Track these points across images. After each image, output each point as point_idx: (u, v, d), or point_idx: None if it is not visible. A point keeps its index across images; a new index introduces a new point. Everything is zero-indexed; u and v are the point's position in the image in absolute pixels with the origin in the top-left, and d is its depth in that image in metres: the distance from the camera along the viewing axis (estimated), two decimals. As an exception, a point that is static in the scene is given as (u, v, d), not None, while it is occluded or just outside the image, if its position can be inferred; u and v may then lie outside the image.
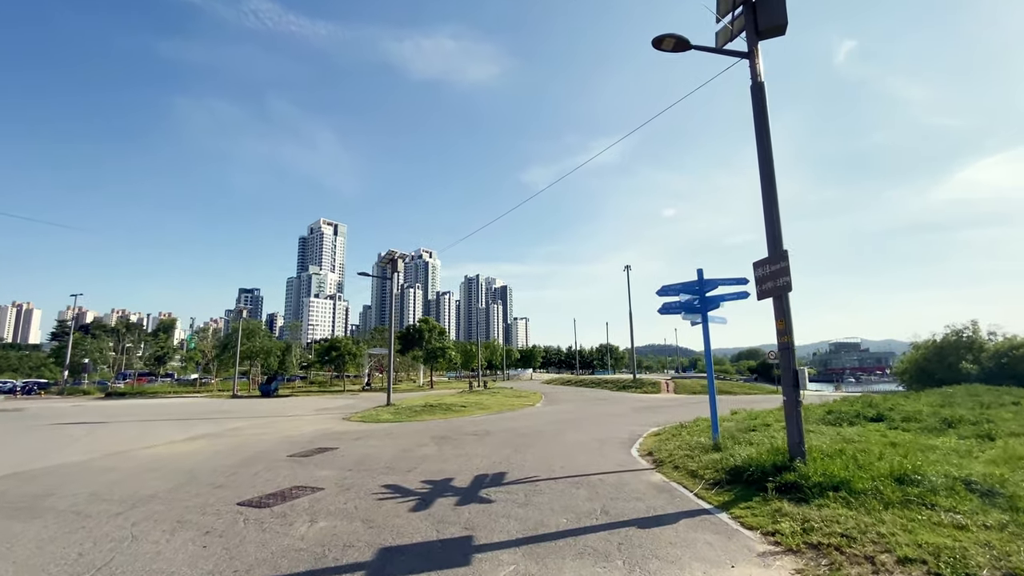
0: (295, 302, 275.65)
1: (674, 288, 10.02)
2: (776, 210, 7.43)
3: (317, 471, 8.81)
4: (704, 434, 10.90)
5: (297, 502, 6.74)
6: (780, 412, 14.39)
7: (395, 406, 21.83)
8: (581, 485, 7.41)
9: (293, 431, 15.18)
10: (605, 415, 18.51)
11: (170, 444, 12.92)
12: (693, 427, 12.31)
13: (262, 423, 17.95)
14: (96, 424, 18.77)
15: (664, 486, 7.34)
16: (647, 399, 27.92)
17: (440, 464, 9.20)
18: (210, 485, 7.86)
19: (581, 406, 23.27)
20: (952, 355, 35.00)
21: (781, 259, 7.13)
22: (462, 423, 16.28)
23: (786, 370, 7.10)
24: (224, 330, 62.41)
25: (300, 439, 13.15)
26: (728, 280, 9.54)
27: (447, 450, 10.73)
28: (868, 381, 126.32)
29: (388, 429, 15.09)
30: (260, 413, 22.74)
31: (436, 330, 53.80)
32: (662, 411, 19.98)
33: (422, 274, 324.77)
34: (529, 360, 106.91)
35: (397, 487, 7.48)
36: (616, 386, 40.25)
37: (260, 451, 11.22)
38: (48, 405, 31.35)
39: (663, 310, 10.07)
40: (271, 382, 40.80)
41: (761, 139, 7.69)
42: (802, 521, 5.27)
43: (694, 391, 34.47)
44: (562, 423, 15.81)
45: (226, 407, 27.16)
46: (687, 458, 8.73)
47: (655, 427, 14.23)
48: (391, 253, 24.04)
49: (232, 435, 14.53)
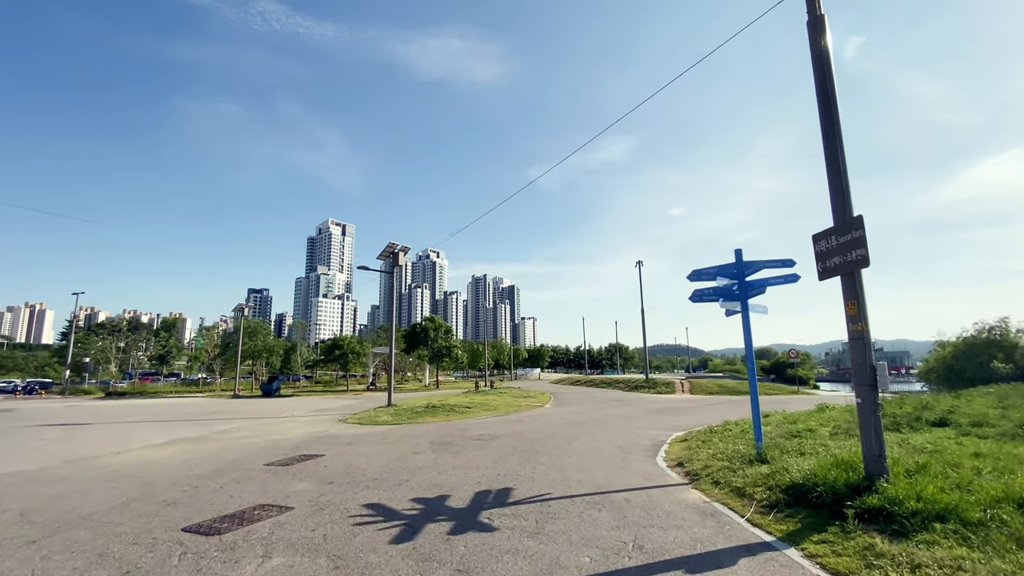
0: (304, 302, 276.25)
1: (708, 272, 8.64)
2: (842, 166, 6.05)
3: (293, 484, 7.56)
4: (741, 441, 9.52)
5: (256, 527, 5.48)
6: (819, 415, 12.97)
7: (396, 407, 20.60)
8: (604, 506, 6.07)
9: (282, 434, 13.98)
10: (620, 418, 17.12)
11: (145, 449, 11.78)
12: (724, 432, 10.92)
13: (253, 425, 16.79)
14: (79, 426, 17.74)
15: (706, 508, 5.98)
16: (662, 400, 26.46)
17: (436, 476, 7.91)
18: (162, 502, 6.63)
19: (593, 408, 21.89)
20: (982, 353, 33.24)
21: (854, 227, 5.74)
22: (465, 426, 14.99)
23: (860, 366, 5.72)
24: (231, 329, 61.65)
25: (286, 444, 11.94)
26: (772, 262, 8.16)
27: (446, 459, 9.43)
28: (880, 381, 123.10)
29: (384, 433, 13.84)
30: (255, 414, 21.63)
31: (442, 329, 52.53)
32: (681, 413, 18.55)
33: (429, 274, 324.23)
34: (537, 360, 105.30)
35: (381, 507, 6.19)
36: (628, 386, 38.75)
37: (238, 458, 10.01)
38: (42, 405, 30.55)
39: (695, 297, 8.70)
40: (272, 382, 39.80)
41: (822, 83, 6.31)
42: (911, 567, 3.91)
43: (711, 391, 32.91)
44: (574, 427, 14.46)
45: (222, 408, 26.11)
46: (727, 471, 7.36)
47: (679, 432, 12.84)
48: (391, 246, 22.80)
49: (216, 439, 13.36)
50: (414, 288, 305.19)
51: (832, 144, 6.15)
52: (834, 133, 6.14)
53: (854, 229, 5.74)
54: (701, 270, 8.74)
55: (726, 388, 34.03)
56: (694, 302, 8.66)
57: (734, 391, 32.92)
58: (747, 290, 8.25)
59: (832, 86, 6.26)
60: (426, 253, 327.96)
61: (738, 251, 8.45)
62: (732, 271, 8.45)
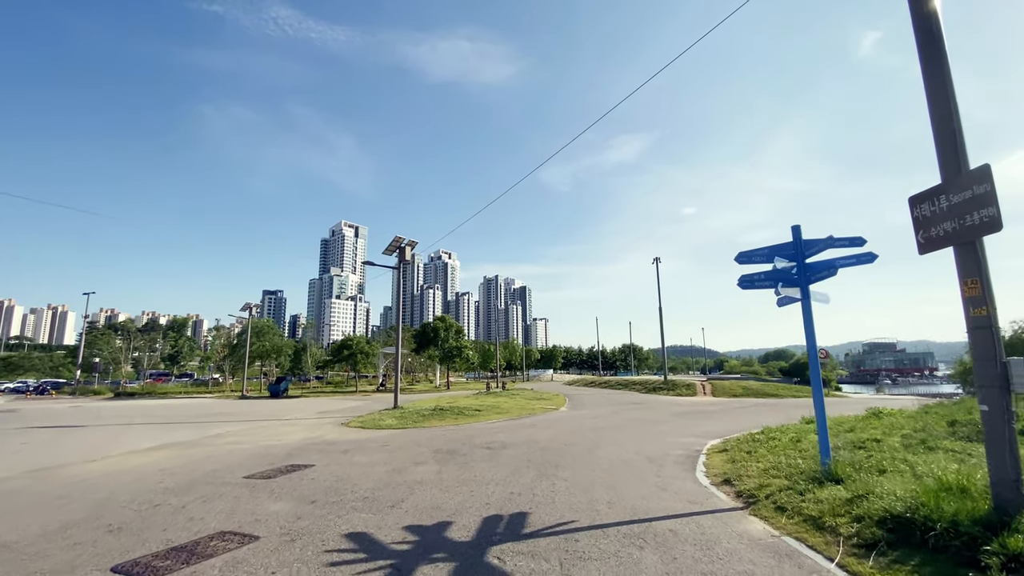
0: (317, 303, 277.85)
1: (760, 253, 7.30)
2: (951, 106, 4.69)
3: (269, 503, 6.40)
4: (796, 452, 8.14)
5: (203, 567, 4.31)
6: (878, 422, 11.43)
7: (402, 409, 19.47)
8: (646, 541, 4.78)
9: (276, 439, 12.91)
10: (643, 422, 15.74)
11: (125, 455, 10.77)
12: (770, 442, 9.52)
13: (249, 428, 15.78)
14: (72, 428, 16.92)
15: (779, 546, 4.66)
16: (684, 403, 24.95)
17: (437, 495, 6.68)
18: (106, 527, 5.50)
19: (612, 411, 20.51)
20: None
21: (976, 181, 4.39)
22: (474, 431, 13.77)
23: (987, 362, 4.35)
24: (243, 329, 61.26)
25: (277, 451, 10.83)
26: (839, 240, 6.79)
27: (450, 471, 8.21)
28: (906, 383, 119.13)
29: (386, 438, 12.68)
30: (257, 416, 20.68)
31: (453, 328, 51.40)
32: (709, 418, 17.10)
33: (441, 275, 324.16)
34: (549, 360, 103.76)
35: (366, 539, 4.99)
36: (645, 388, 37.16)
37: (218, 468, 8.90)
38: (48, 406, 30.10)
39: (744, 283, 7.35)
40: (280, 383, 39.04)
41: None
42: None
43: (735, 393, 31.20)
44: (595, 433, 13.14)
45: (226, 409, 25.27)
46: (791, 493, 6.01)
47: (713, 439, 11.46)
48: (397, 240, 21.69)
49: (206, 444, 12.33)
50: (426, 289, 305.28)
51: (936, 78, 4.79)
52: (939, 64, 4.78)
53: (976, 184, 4.37)
54: (751, 251, 7.39)
55: (751, 390, 32.29)
56: (744, 288, 7.30)
57: (760, 393, 31.21)
58: (809, 274, 6.89)
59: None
60: (438, 254, 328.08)
61: (796, 228, 7.10)
62: (789, 252, 7.10)
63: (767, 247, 7.34)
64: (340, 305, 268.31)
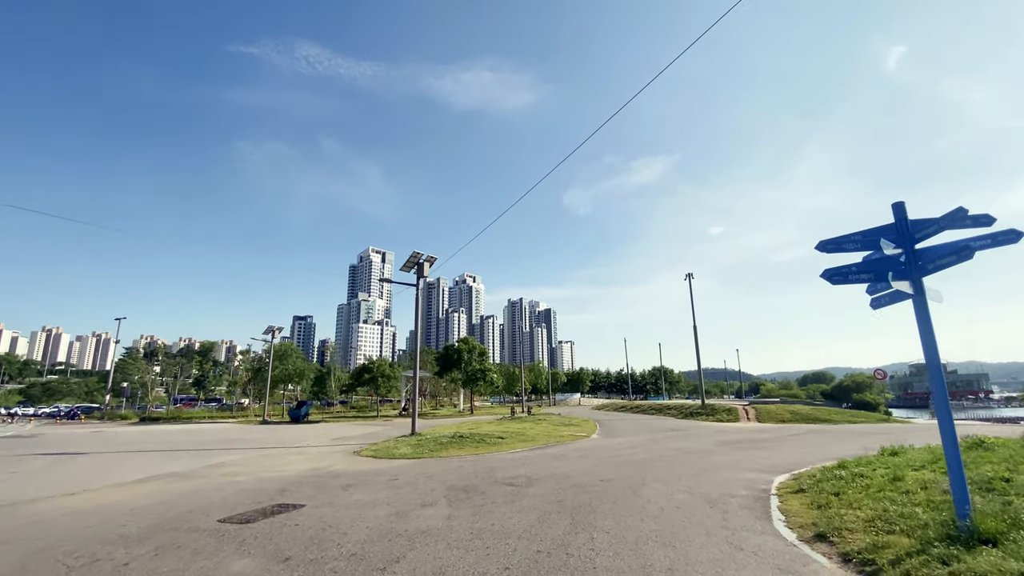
0: (345, 328, 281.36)
1: (851, 240, 5.73)
2: None
3: (231, 561, 5.07)
4: (902, 496, 6.35)
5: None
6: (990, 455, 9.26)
7: (419, 436, 18.04)
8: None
9: (277, 471, 11.68)
10: (689, 453, 13.84)
11: (106, 489, 9.72)
12: (859, 480, 7.67)
13: (254, 458, 14.63)
14: (73, 456, 16.18)
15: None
16: (730, 429, 22.64)
17: (443, 552, 5.22)
18: (12, 596, 4.27)
19: (650, 439, 18.54)
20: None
21: None
22: (496, 463, 12.22)
23: None
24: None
25: (272, 486, 9.56)
26: (959, 217, 5.18)
27: (463, 517, 6.72)
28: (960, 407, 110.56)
29: (397, 470, 11.26)
30: (268, 443, 19.61)
31: (476, 351, 49.95)
32: (764, 448, 15.03)
33: (466, 299, 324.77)
34: (577, 384, 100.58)
35: (333, 627, 3.57)
36: (681, 413, 34.62)
37: (195, 508, 7.66)
38: (70, 431, 29.95)
39: (835, 277, 5.75)
40: (301, 407, 38.22)
41: None
42: None
43: (782, 419, 28.46)
44: (635, 467, 11.40)
45: (241, 436, 24.37)
46: (927, 560, 4.31)
47: (780, 474, 9.60)
48: (415, 255, 20.68)
49: (199, 476, 11.20)
50: (451, 313, 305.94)
51: None
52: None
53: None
54: (840, 237, 5.83)
55: (800, 415, 29.46)
56: (833, 283, 5.70)
57: (810, 418, 28.39)
58: (922, 261, 5.29)
59: None
60: (463, 278, 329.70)
61: (899, 205, 5.54)
62: (891, 236, 5.53)
63: (860, 232, 5.78)
64: (367, 329, 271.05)
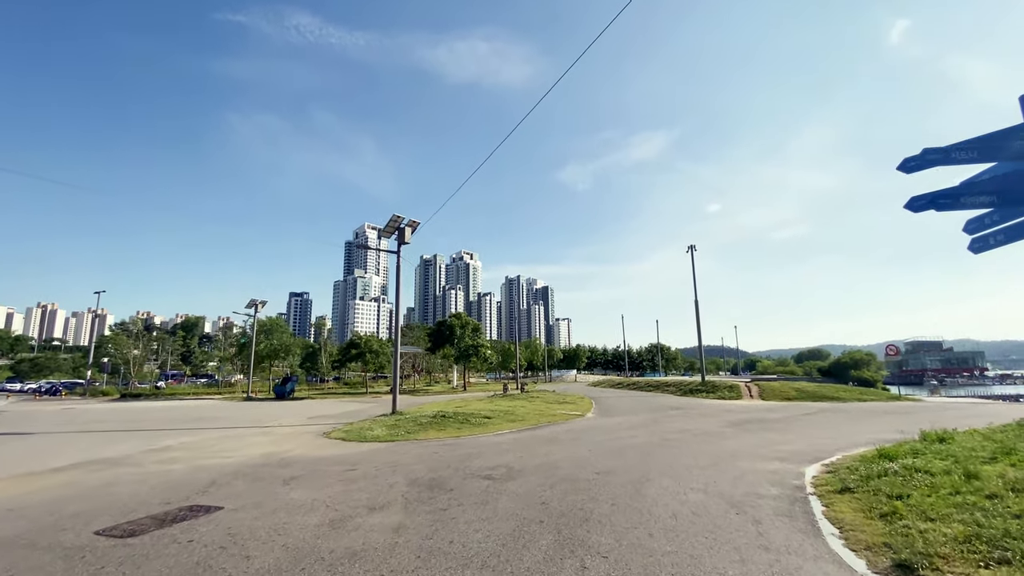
0: (342, 305, 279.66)
1: (958, 150, 3.97)
2: None
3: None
4: (988, 501, 4.78)
5: None
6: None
7: (399, 416, 16.56)
8: None
9: (223, 457, 10.13)
10: (697, 436, 12.35)
11: (16, 480, 8.15)
12: (919, 476, 6.11)
13: (212, 439, 13.11)
14: (22, 436, 14.65)
15: None
16: (734, 408, 21.31)
17: (368, 593, 3.63)
18: None
19: (649, 418, 17.10)
20: None
21: None
22: (475, 448, 10.71)
23: None
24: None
25: (203, 477, 7.99)
26: None
27: (415, 528, 5.14)
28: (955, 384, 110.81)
29: (359, 458, 9.72)
30: (237, 422, 18.15)
31: (470, 326, 48.48)
32: (777, 429, 13.58)
33: (463, 276, 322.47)
34: (573, 361, 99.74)
35: None
36: (680, 390, 33.36)
37: (84, 510, 6.08)
38: (39, 408, 28.52)
39: (937, 202, 4.00)
40: (286, 383, 36.88)
41: None
42: None
43: (788, 396, 27.15)
44: (637, 452, 9.88)
45: (214, 413, 22.93)
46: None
47: (809, 464, 8.09)
48: (395, 219, 18.80)
49: (129, 463, 9.63)
50: (448, 290, 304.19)
51: None
52: None
53: None
54: (934, 149, 4.08)
55: (806, 392, 28.18)
56: (939, 208, 3.94)
57: (817, 396, 27.10)
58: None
59: None
60: (460, 255, 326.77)
61: (1037, 94, 3.77)
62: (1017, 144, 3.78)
63: (967, 140, 4.03)
64: (363, 306, 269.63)
